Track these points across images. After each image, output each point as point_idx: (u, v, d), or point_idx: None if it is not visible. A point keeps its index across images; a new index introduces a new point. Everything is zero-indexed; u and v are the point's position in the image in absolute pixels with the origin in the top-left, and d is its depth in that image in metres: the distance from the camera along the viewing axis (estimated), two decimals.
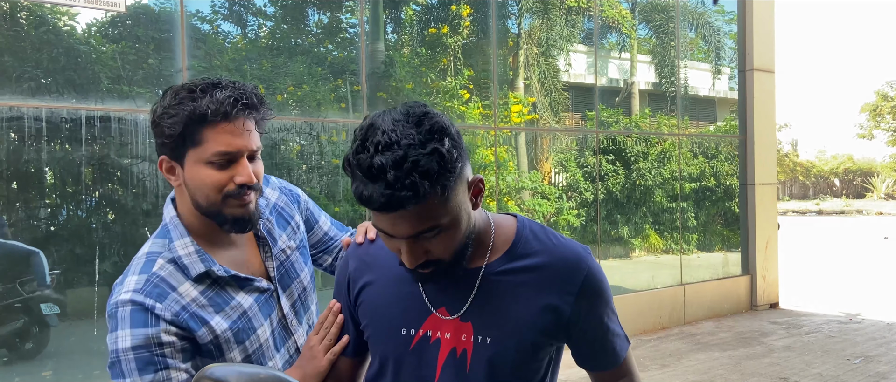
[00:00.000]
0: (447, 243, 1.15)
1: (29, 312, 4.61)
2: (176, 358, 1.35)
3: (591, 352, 1.34)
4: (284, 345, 1.55)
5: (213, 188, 1.37)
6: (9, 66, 4.45)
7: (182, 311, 1.38)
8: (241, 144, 1.36)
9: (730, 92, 9.59)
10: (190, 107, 1.33)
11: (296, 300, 1.58)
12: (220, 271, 1.43)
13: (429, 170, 1.04)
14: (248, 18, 5.89)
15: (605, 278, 1.31)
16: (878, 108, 48.99)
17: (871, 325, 7.94)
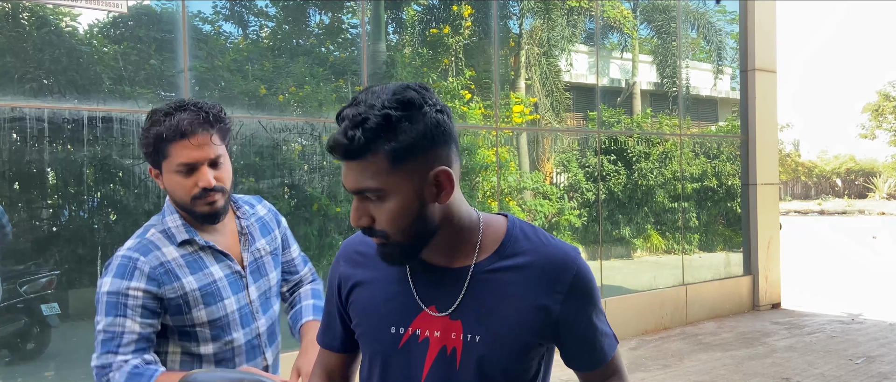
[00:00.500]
0: (388, 216, 1.17)
1: (30, 313, 4.62)
2: (135, 312, 1.66)
3: (579, 352, 1.34)
4: (249, 326, 1.80)
5: (183, 191, 1.69)
6: (11, 67, 4.46)
7: (159, 267, 1.69)
8: (199, 156, 1.67)
9: (731, 92, 9.58)
10: (155, 131, 1.66)
11: (262, 294, 1.85)
12: (201, 241, 1.75)
13: (372, 128, 1.11)
14: (250, 19, 5.89)
15: (593, 278, 1.32)
16: (880, 108, 48.93)
17: (874, 325, 7.93)
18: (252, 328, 1.80)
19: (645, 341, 7.20)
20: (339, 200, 5.77)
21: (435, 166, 1.17)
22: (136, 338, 1.65)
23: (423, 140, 1.14)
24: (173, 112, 1.66)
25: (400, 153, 1.13)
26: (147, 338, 1.67)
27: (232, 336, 1.76)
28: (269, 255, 1.89)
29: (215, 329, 1.73)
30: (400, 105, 1.13)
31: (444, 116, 1.17)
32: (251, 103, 5.38)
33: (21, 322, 4.63)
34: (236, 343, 1.77)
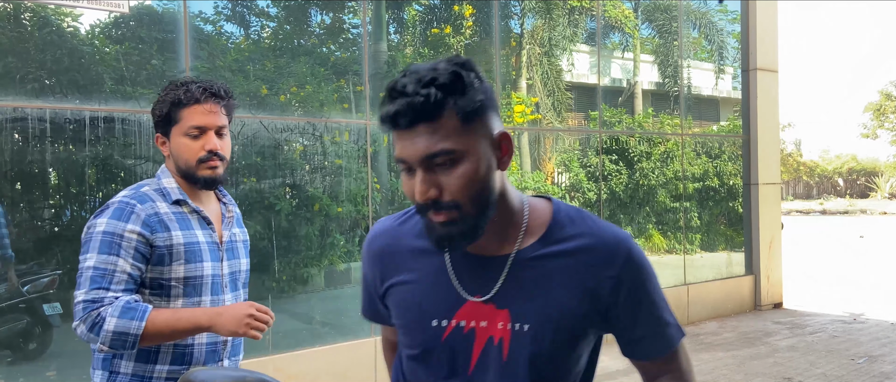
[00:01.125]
0: (462, 182, 1.11)
1: (32, 312, 4.62)
2: (128, 253, 1.76)
3: (634, 339, 1.27)
4: (217, 296, 1.90)
5: (190, 153, 1.85)
6: (12, 67, 4.46)
7: (154, 215, 1.82)
8: (209, 121, 1.85)
9: (733, 91, 9.58)
10: (172, 95, 1.84)
11: (233, 273, 1.96)
12: (192, 204, 1.90)
13: (444, 84, 1.08)
14: (251, 19, 5.89)
15: (648, 262, 1.25)
16: (881, 108, 48.87)
17: (875, 325, 7.92)
18: (219, 298, 1.90)
19: None
20: (341, 200, 5.78)
21: (497, 128, 1.15)
22: (126, 278, 1.75)
23: (486, 100, 1.13)
24: (188, 82, 1.86)
25: (470, 111, 1.10)
26: (135, 280, 1.77)
27: (201, 298, 1.86)
28: (241, 243, 2.02)
29: (188, 287, 1.84)
30: (462, 66, 1.12)
31: (492, 93, 1.17)
32: (253, 103, 5.38)
33: (23, 321, 4.63)
34: (203, 305, 1.86)
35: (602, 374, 5.98)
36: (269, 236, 5.36)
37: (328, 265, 5.79)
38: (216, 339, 1.89)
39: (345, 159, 5.84)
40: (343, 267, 5.85)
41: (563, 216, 1.26)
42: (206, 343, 1.88)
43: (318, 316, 5.86)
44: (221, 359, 1.93)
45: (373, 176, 5.93)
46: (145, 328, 1.70)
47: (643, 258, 1.24)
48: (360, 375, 5.53)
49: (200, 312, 1.77)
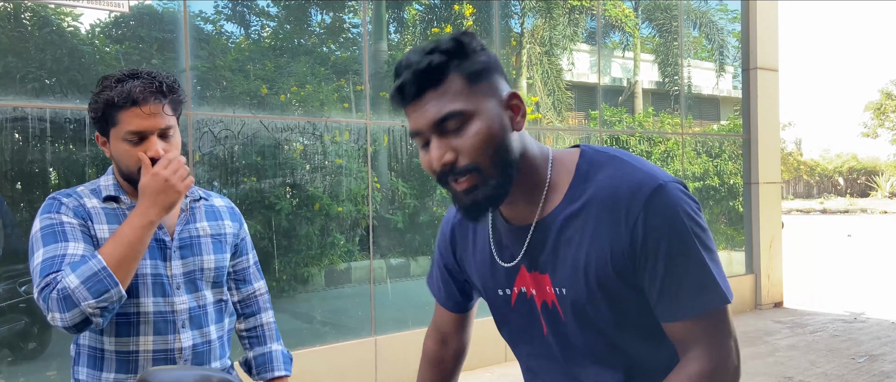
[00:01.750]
0: (475, 141, 1.10)
1: (31, 313, 4.62)
2: (75, 236, 1.61)
3: (655, 295, 1.14)
4: (162, 297, 1.69)
5: (130, 160, 1.65)
6: (12, 67, 4.46)
7: (80, 207, 1.67)
8: (149, 125, 1.63)
9: (733, 91, 9.57)
10: (105, 96, 1.63)
11: (189, 272, 1.75)
12: (126, 200, 1.72)
13: (447, 50, 1.10)
14: (251, 19, 5.89)
15: (683, 209, 1.12)
16: (882, 107, 48.87)
17: (876, 324, 7.92)
18: (166, 300, 1.69)
19: None
20: (341, 199, 5.78)
21: (505, 90, 1.16)
22: (79, 259, 1.55)
23: (491, 64, 1.15)
24: (126, 79, 1.63)
25: (475, 72, 1.12)
26: None
27: (140, 300, 1.66)
28: (209, 238, 1.79)
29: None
30: (463, 34, 1.14)
31: (496, 59, 1.18)
32: (253, 103, 5.38)
33: (22, 322, 4.63)
34: (143, 308, 1.67)
35: None
36: (270, 235, 5.36)
37: (328, 264, 5.79)
38: (168, 346, 1.70)
39: (345, 158, 5.84)
40: (343, 266, 5.85)
41: (587, 166, 1.18)
42: (152, 350, 1.69)
43: (319, 315, 5.86)
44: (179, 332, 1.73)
45: (373, 175, 5.92)
46: (104, 259, 1.53)
47: (676, 203, 1.12)
48: (361, 375, 5.53)
49: (133, 214, 1.60)
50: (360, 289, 5.80)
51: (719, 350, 1.13)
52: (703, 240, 1.13)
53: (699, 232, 1.12)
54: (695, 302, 1.12)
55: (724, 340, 1.14)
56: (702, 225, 1.14)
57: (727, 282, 1.16)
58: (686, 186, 1.17)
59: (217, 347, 1.80)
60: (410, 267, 6.42)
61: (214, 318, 1.80)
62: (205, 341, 1.76)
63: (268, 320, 1.97)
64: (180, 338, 1.71)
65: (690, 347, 1.14)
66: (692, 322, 1.13)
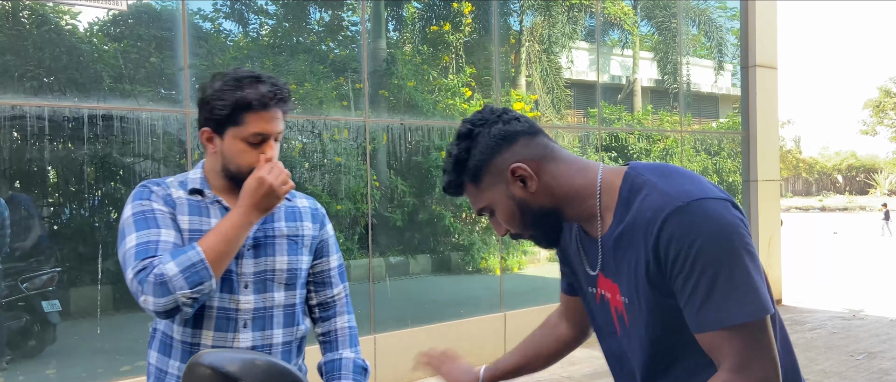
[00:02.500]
0: (506, 221, 1.36)
1: (31, 310, 4.62)
2: (166, 224, 1.65)
3: (683, 309, 1.21)
4: (228, 294, 1.70)
5: (245, 160, 1.69)
6: (11, 65, 4.46)
7: (168, 197, 1.71)
8: (272, 129, 1.69)
9: (732, 88, 9.57)
10: (238, 95, 1.65)
11: (261, 272, 1.75)
12: (210, 194, 1.74)
13: (451, 170, 1.36)
14: (250, 17, 5.89)
15: (699, 230, 1.16)
16: (881, 104, 48.88)
17: (875, 321, 7.93)
18: (231, 297, 1.70)
19: None
20: (340, 198, 5.78)
21: (508, 164, 1.32)
22: (171, 247, 1.61)
23: (487, 155, 1.33)
24: (256, 82, 1.67)
25: (475, 175, 1.34)
26: None
27: None
28: (285, 238, 1.79)
29: None
30: (458, 142, 1.35)
31: (501, 124, 1.33)
32: None
33: (22, 319, 4.64)
34: (207, 303, 1.68)
35: (603, 370, 5.98)
36: None
37: None
38: (226, 344, 1.72)
39: (344, 157, 5.84)
40: None
41: (628, 191, 1.29)
42: (211, 346, 1.70)
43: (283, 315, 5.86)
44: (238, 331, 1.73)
45: (372, 173, 5.92)
46: (203, 250, 1.58)
47: (686, 227, 1.17)
48: None
49: (235, 212, 1.65)
50: (360, 287, 5.81)
51: (741, 367, 1.15)
52: (733, 257, 1.16)
53: (721, 250, 1.15)
54: (719, 316, 1.16)
55: (749, 357, 1.15)
56: (731, 241, 1.16)
57: (762, 296, 1.16)
58: (721, 201, 1.20)
59: (280, 352, 1.78)
60: (409, 265, 6.43)
61: (282, 322, 1.78)
62: (266, 344, 1.75)
63: (342, 325, 1.94)
64: (239, 338, 1.71)
65: (720, 361, 1.18)
66: (714, 337, 1.17)
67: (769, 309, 1.16)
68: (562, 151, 1.36)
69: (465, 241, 6.76)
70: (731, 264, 1.15)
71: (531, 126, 1.35)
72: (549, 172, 1.33)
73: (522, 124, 1.34)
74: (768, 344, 1.15)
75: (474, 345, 6.29)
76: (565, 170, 1.34)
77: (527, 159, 1.32)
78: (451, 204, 6.61)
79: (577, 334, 1.72)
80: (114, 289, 4.79)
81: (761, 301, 1.16)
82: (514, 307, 6.67)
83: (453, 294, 6.68)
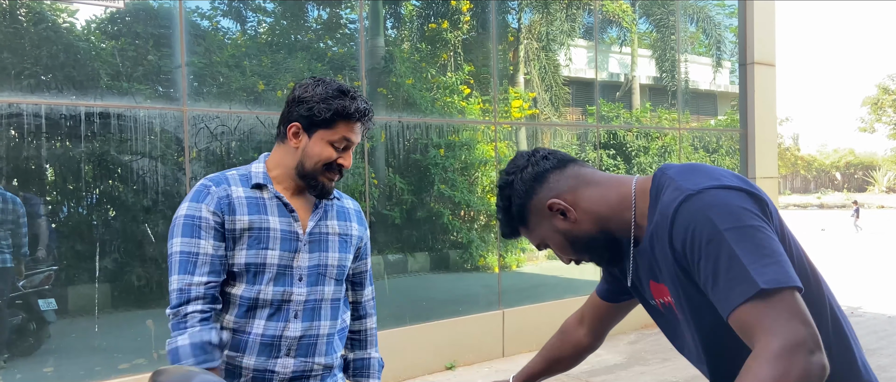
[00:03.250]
0: (560, 251, 1.48)
1: (28, 308, 4.62)
2: (208, 234, 1.79)
3: (708, 294, 1.23)
4: (282, 287, 1.84)
5: (324, 160, 1.85)
6: (8, 63, 4.45)
7: (225, 197, 1.82)
8: (354, 139, 1.88)
9: (730, 86, 9.57)
10: (340, 105, 1.82)
11: (314, 266, 1.88)
12: (272, 190, 1.87)
13: (502, 220, 1.51)
14: (248, 14, 5.88)
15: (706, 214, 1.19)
16: (879, 102, 48.92)
17: (873, 318, 7.94)
18: (288, 290, 1.84)
19: (644, 335, 7.21)
20: None
21: (546, 201, 1.42)
22: (210, 260, 1.79)
23: (525, 199, 1.45)
24: (354, 97, 1.86)
25: (521, 218, 1.47)
26: (220, 262, 1.81)
27: (262, 287, 1.82)
28: (336, 236, 1.94)
29: (249, 274, 1.82)
30: (501, 193, 1.49)
31: (530, 168, 1.45)
32: (249, 99, 5.37)
33: (19, 317, 4.63)
34: (263, 296, 1.82)
35: (601, 368, 5.98)
36: None
37: None
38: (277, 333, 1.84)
39: None
40: None
41: (656, 192, 1.35)
42: (262, 334, 1.83)
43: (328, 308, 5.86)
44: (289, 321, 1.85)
45: (370, 171, 5.92)
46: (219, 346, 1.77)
47: (694, 214, 1.21)
48: None
49: None
50: None
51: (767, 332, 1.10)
52: (737, 236, 1.17)
53: (726, 231, 1.17)
54: (731, 296, 1.15)
55: (775, 322, 1.11)
56: (734, 222, 1.18)
57: (776, 269, 1.14)
58: (734, 186, 1.23)
59: (325, 343, 1.91)
60: (408, 263, 6.43)
61: (329, 314, 1.92)
62: (313, 334, 1.89)
63: (371, 326, 2.11)
64: (289, 326, 1.84)
65: (752, 340, 1.14)
66: (740, 315, 1.15)
67: (788, 281, 1.13)
68: (595, 175, 1.44)
69: (463, 239, 6.75)
70: (733, 243, 1.16)
71: (560, 160, 1.45)
72: (585, 198, 1.41)
73: (551, 161, 1.44)
74: (797, 312, 1.11)
75: (473, 343, 6.29)
76: (600, 192, 1.41)
77: (561, 193, 1.42)
78: (449, 202, 6.61)
79: (592, 341, 1.78)
80: (112, 287, 4.78)
81: (775, 273, 1.13)
82: (512, 304, 6.67)
83: (451, 291, 6.67)
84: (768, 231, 1.18)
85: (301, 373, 1.86)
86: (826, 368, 1.08)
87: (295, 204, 1.89)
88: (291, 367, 1.84)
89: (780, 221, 1.30)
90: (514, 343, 6.48)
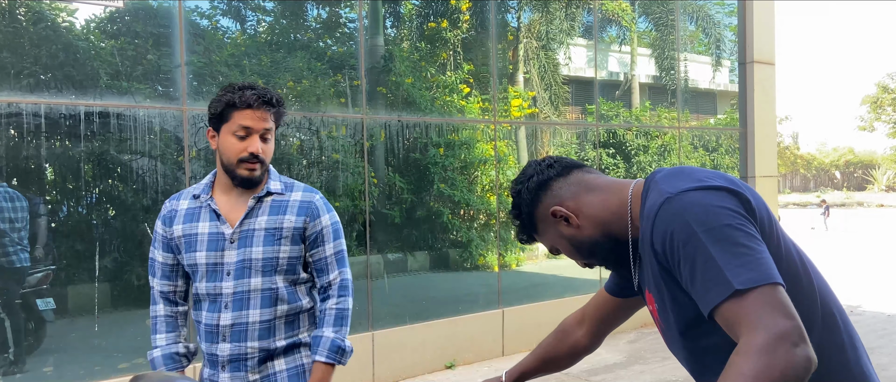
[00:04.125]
0: (569, 255, 1.52)
1: (27, 308, 4.61)
2: (158, 245, 2.18)
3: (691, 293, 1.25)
4: (213, 282, 2.07)
5: (233, 153, 2.03)
6: (7, 63, 4.45)
7: (170, 212, 2.17)
8: (255, 125, 2.04)
9: (730, 84, 9.57)
10: (227, 97, 2.04)
11: (241, 261, 2.07)
12: (205, 199, 2.12)
13: (518, 228, 1.55)
14: (247, 14, 5.88)
15: (684, 217, 1.21)
16: (878, 100, 48.93)
17: (872, 317, 7.94)
18: (216, 285, 2.07)
19: (643, 334, 7.22)
20: (338, 195, 5.77)
21: (551, 208, 1.46)
22: (161, 265, 2.17)
23: (531, 207, 1.49)
24: (245, 88, 2.05)
25: (531, 224, 1.52)
26: (170, 267, 2.17)
27: (197, 283, 2.11)
28: (263, 231, 2.09)
29: (192, 272, 2.13)
30: (513, 203, 1.54)
31: (536, 177, 1.49)
32: None
33: (18, 317, 4.62)
34: (200, 291, 2.11)
35: (601, 367, 5.99)
36: None
37: None
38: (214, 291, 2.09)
39: (342, 154, 5.83)
40: None
41: (645, 196, 1.38)
42: (205, 323, 2.11)
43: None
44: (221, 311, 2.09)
45: (370, 170, 5.92)
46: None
47: (672, 216, 1.23)
48: (359, 369, 5.54)
49: None
50: (358, 284, 5.81)
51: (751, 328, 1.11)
52: (713, 237, 1.18)
53: (702, 232, 1.19)
54: (708, 296, 1.17)
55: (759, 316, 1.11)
56: (711, 223, 1.19)
57: (751, 267, 1.14)
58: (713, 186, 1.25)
59: (259, 329, 2.08)
60: (408, 262, 6.43)
61: (260, 303, 2.08)
62: (243, 322, 2.08)
63: (331, 306, 2.20)
64: (221, 316, 2.07)
65: (737, 336, 1.14)
66: (721, 313, 1.16)
67: (764, 278, 1.14)
68: (598, 180, 1.47)
69: (463, 238, 6.76)
70: (709, 244, 1.17)
71: (564, 167, 1.49)
72: (587, 204, 1.44)
73: (555, 169, 1.48)
74: (778, 305, 1.11)
75: (472, 342, 6.29)
76: (602, 197, 1.44)
77: (563, 200, 1.46)
78: (449, 201, 6.61)
79: (590, 342, 1.79)
80: (111, 287, 4.79)
81: (751, 271, 1.14)
82: (511, 303, 6.67)
83: (451, 290, 6.68)
84: (747, 228, 1.19)
85: (237, 356, 2.06)
86: (812, 360, 1.08)
87: (229, 205, 2.11)
88: (228, 351, 2.06)
89: (770, 218, 1.31)
90: (514, 342, 6.49)
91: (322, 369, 2.14)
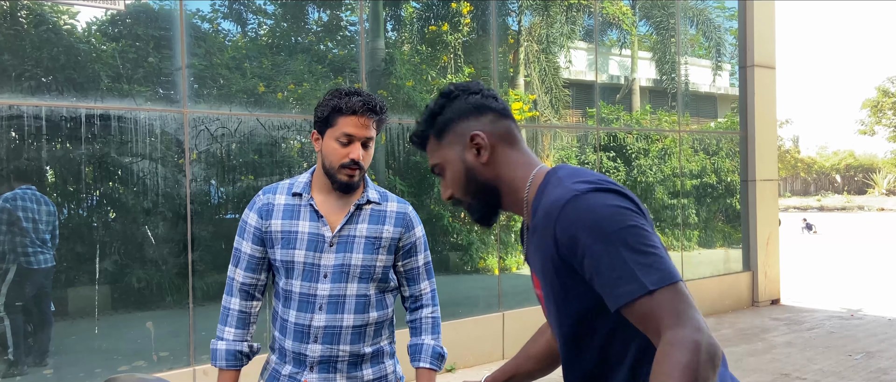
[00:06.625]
0: (452, 182, 1.49)
1: (27, 311, 4.61)
2: (248, 237, 2.15)
3: (596, 289, 1.28)
4: (309, 282, 2.08)
5: (335, 157, 2.06)
6: (9, 65, 4.45)
7: (266, 205, 2.15)
8: (359, 132, 2.05)
9: (730, 88, 9.58)
10: (334, 102, 2.05)
11: (339, 265, 2.09)
12: (306, 198, 2.13)
13: (423, 121, 1.52)
14: (248, 16, 5.88)
15: (591, 216, 1.25)
16: (879, 104, 48.94)
17: (873, 321, 7.94)
18: (312, 285, 2.08)
19: None
20: None
21: (468, 132, 1.46)
22: (248, 258, 2.15)
23: (455, 115, 1.47)
24: (352, 94, 2.06)
25: (440, 130, 1.48)
26: (258, 261, 2.16)
27: (292, 281, 2.10)
28: (364, 239, 2.13)
29: (284, 269, 2.11)
30: (439, 98, 1.50)
31: (479, 96, 1.48)
32: (249, 101, 5.37)
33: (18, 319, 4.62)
34: (293, 289, 2.09)
35: None
36: None
37: None
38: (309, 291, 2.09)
39: None
40: None
41: (544, 187, 1.39)
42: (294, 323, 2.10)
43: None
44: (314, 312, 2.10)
45: (371, 172, 5.92)
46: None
47: (579, 213, 1.26)
48: None
49: None
50: None
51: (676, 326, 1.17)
52: (620, 237, 1.23)
53: (612, 231, 1.23)
54: (617, 292, 1.22)
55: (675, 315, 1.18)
56: (619, 223, 1.24)
57: (660, 267, 1.21)
58: (612, 188, 1.29)
59: (350, 334, 2.11)
60: None
61: (354, 309, 2.11)
62: (336, 325, 2.10)
63: (426, 315, 2.27)
64: (314, 317, 2.08)
65: (656, 331, 1.20)
66: (634, 310, 1.21)
67: (671, 277, 1.21)
68: (522, 143, 1.49)
69: (463, 241, 6.75)
70: (618, 242, 1.23)
71: (505, 110, 1.49)
72: (502, 153, 1.46)
73: (498, 104, 1.48)
74: (689, 301, 1.20)
75: (473, 345, 6.29)
76: (515, 159, 1.47)
77: (488, 132, 1.46)
78: (449, 204, 6.61)
79: (552, 354, 1.76)
80: (112, 289, 4.78)
81: (660, 271, 1.21)
82: (512, 306, 6.67)
83: (451, 293, 6.67)
84: (647, 227, 1.27)
85: (328, 357, 2.09)
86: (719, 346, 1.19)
87: (329, 207, 2.13)
88: (319, 352, 2.08)
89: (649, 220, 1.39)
90: (515, 345, 6.48)
91: (427, 375, 2.22)
